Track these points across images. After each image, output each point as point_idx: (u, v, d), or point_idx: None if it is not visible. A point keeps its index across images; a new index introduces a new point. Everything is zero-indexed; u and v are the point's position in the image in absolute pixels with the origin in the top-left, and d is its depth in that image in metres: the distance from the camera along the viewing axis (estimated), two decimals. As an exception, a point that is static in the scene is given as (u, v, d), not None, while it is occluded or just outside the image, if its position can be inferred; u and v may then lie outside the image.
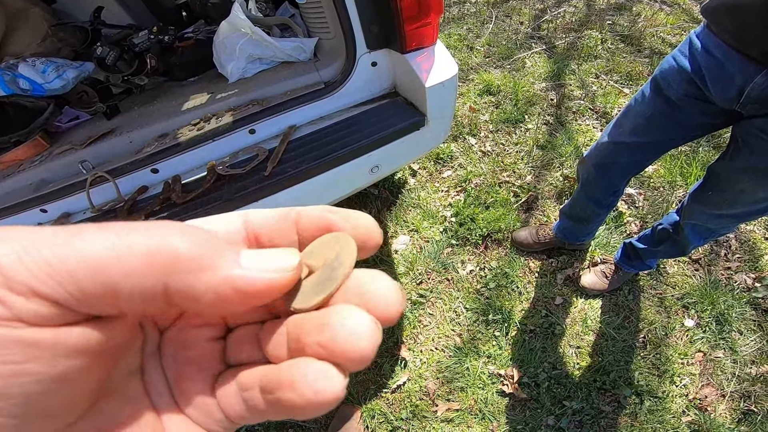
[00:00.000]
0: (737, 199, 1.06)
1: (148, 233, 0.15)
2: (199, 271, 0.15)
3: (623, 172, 1.29)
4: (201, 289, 0.15)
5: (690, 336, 1.55)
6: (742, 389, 1.43)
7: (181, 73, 1.47)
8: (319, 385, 0.15)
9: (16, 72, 1.25)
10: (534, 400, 1.48)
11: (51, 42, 1.42)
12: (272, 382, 0.17)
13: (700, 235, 1.27)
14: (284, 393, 0.16)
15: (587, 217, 1.53)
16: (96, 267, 0.14)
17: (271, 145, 1.19)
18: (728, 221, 1.17)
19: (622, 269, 1.64)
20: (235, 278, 0.16)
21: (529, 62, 2.66)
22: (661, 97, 1.08)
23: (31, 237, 0.14)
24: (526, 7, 3.09)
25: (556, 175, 2.04)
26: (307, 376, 0.16)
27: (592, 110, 2.30)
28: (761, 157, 0.95)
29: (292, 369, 0.16)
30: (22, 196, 1.21)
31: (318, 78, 1.24)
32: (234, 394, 0.19)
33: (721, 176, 1.07)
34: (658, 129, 1.12)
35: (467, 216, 1.91)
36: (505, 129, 2.28)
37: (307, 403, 0.16)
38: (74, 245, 0.14)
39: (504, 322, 1.65)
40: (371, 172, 1.19)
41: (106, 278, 0.14)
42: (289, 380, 0.16)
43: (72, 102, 1.41)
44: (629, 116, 1.18)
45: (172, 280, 0.15)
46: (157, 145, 1.16)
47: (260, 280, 0.16)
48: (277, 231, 0.20)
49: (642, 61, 2.55)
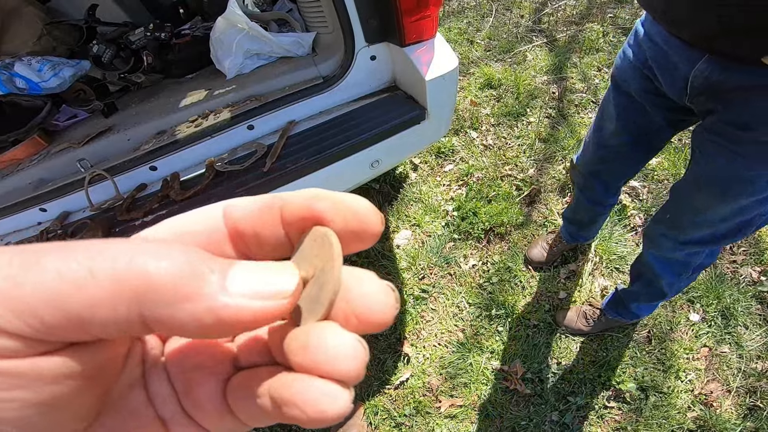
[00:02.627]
0: (697, 219, 0.93)
1: (117, 256, 0.13)
2: (179, 302, 0.14)
3: (618, 174, 1.22)
4: (184, 319, 0.14)
5: (695, 331, 1.54)
6: (748, 384, 1.41)
7: (178, 70, 1.46)
8: (322, 405, 0.15)
9: (12, 71, 1.24)
10: (538, 396, 1.47)
11: (46, 41, 1.41)
12: (281, 397, 0.16)
13: (671, 269, 1.13)
14: (290, 410, 0.15)
15: (593, 219, 1.49)
16: (53, 299, 0.13)
17: (270, 140, 1.17)
18: (695, 248, 1.03)
19: (605, 314, 1.51)
20: (220, 309, 0.14)
21: (531, 55, 2.63)
22: (622, 94, 0.99)
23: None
24: (526, 0, 3.06)
25: (559, 168, 2.02)
26: (309, 396, 0.15)
27: (594, 103, 2.27)
28: (712, 165, 0.82)
29: (296, 386, 0.15)
30: (22, 195, 1.21)
31: (317, 73, 1.23)
32: (247, 397, 0.18)
33: (680, 192, 0.96)
34: (632, 127, 1.03)
35: (469, 210, 1.89)
36: (507, 122, 2.26)
37: (312, 421, 0.15)
38: (30, 275, 0.13)
39: (507, 317, 1.64)
40: (372, 166, 1.18)
41: (67, 310, 0.13)
42: (291, 400, 0.15)
43: (69, 100, 1.41)
44: (604, 118, 1.10)
45: (148, 310, 0.13)
46: (155, 143, 1.15)
47: (249, 310, 0.15)
48: (260, 223, 0.18)
49: (645, 52, 2.52)
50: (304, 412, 0.15)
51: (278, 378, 0.16)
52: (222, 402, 0.18)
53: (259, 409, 0.17)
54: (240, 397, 0.18)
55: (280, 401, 0.16)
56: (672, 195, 0.99)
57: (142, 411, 0.18)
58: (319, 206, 0.17)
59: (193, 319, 0.14)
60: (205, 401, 0.18)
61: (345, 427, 1.45)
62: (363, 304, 0.16)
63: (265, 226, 0.18)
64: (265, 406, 0.17)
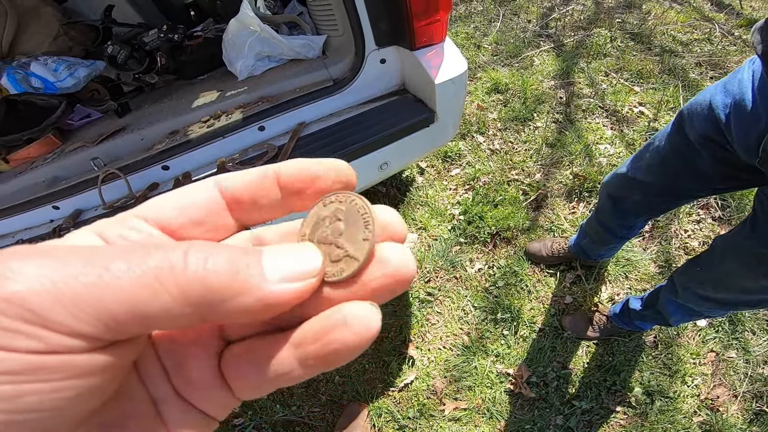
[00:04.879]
0: (723, 282, 0.90)
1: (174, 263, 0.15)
2: (233, 298, 0.16)
3: (637, 210, 1.16)
4: (237, 310, 0.16)
5: (702, 336, 1.53)
6: (755, 389, 1.41)
7: (190, 71, 1.48)
8: (369, 321, 0.17)
9: (28, 70, 1.26)
10: (542, 400, 1.47)
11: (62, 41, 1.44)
12: (324, 328, 0.18)
13: (682, 312, 1.13)
14: (339, 333, 0.17)
15: (600, 240, 1.44)
16: (131, 303, 0.15)
17: (281, 142, 1.19)
18: (712, 305, 1.00)
19: (612, 321, 1.52)
20: (266, 297, 0.16)
21: (538, 60, 2.64)
22: (680, 134, 0.91)
23: (57, 269, 0.14)
24: (533, 5, 3.07)
25: (566, 173, 2.02)
26: (359, 313, 0.18)
27: (601, 108, 2.27)
28: (760, 236, 0.76)
29: (341, 312, 0.18)
30: (35, 192, 1.23)
31: (327, 75, 1.24)
32: (247, 364, 0.19)
33: (716, 251, 0.92)
34: (671, 172, 0.97)
35: (475, 214, 1.90)
36: (514, 127, 2.27)
37: (361, 338, 0.17)
38: (106, 281, 0.14)
39: (513, 320, 1.64)
40: (380, 168, 1.19)
41: (141, 313, 0.15)
42: (342, 321, 0.18)
43: (84, 100, 1.43)
44: (649, 150, 1.03)
45: (209, 308, 0.16)
46: (168, 142, 1.17)
47: (289, 292, 0.17)
48: (259, 191, 0.20)
49: (652, 59, 2.52)
50: (354, 329, 0.17)
51: (308, 324, 0.19)
52: (215, 376, 0.19)
53: (258, 376, 0.19)
54: (239, 365, 0.19)
55: (324, 332, 0.18)
56: (709, 248, 0.95)
57: (135, 393, 0.19)
58: (313, 167, 0.21)
59: (244, 310, 0.16)
60: (197, 376, 0.19)
61: (349, 428, 1.45)
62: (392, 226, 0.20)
63: (264, 192, 0.21)
64: (306, 355, 0.18)
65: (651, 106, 2.25)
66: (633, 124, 2.17)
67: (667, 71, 2.42)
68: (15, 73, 1.24)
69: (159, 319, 0.15)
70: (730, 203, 1.81)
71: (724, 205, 1.82)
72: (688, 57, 2.50)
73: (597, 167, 2.00)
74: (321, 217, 0.21)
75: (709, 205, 1.84)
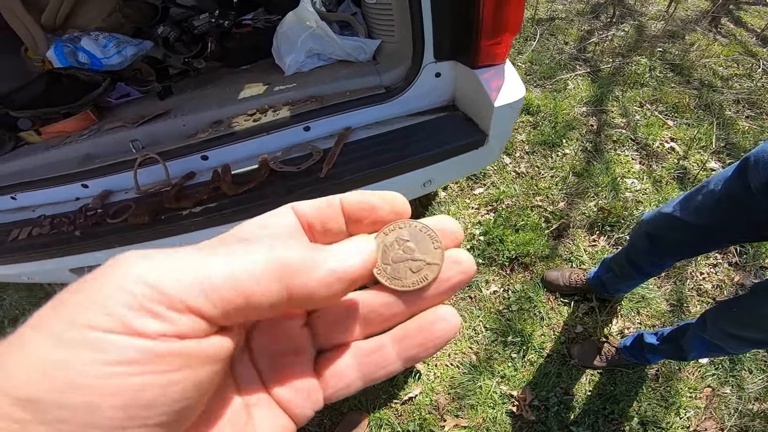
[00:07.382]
0: (756, 323, 0.94)
1: (262, 251, 0.18)
2: (309, 272, 0.19)
3: (674, 250, 1.17)
4: (314, 285, 0.19)
5: (702, 372, 1.55)
6: (742, 424, 1.44)
7: (236, 60, 1.45)
8: (456, 316, 0.23)
9: (78, 44, 1.23)
10: (541, 423, 1.48)
11: (115, 17, 1.39)
12: (426, 322, 0.23)
13: (705, 349, 1.15)
14: (439, 325, 0.22)
15: (624, 276, 1.45)
16: (237, 284, 0.17)
17: (324, 144, 1.17)
18: (739, 343, 1.03)
19: (620, 354, 1.54)
20: (336, 269, 0.19)
21: (572, 84, 2.62)
22: (741, 178, 0.91)
23: (176, 258, 0.17)
24: (572, 27, 3.05)
25: (590, 204, 2.01)
26: (449, 311, 0.23)
27: (633, 141, 2.26)
28: None
29: (435, 312, 0.23)
30: (65, 169, 1.20)
31: (379, 81, 1.22)
32: (348, 366, 0.23)
33: (755, 294, 0.95)
34: (721, 215, 0.97)
35: (496, 236, 1.89)
36: (542, 151, 2.25)
37: (454, 328, 0.23)
38: (215, 266, 0.17)
39: (522, 344, 1.64)
40: (424, 186, 1.17)
41: (246, 293, 0.17)
42: (441, 316, 0.23)
43: (126, 79, 1.39)
44: (701, 193, 1.03)
45: (292, 284, 0.18)
46: (211, 132, 1.15)
47: (353, 265, 0.20)
48: (327, 217, 0.23)
49: (690, 92, 2.49)
50: (450, 321, 0.23)
51: (410, 323, 0.23)
52: (312, 377, 0.22)
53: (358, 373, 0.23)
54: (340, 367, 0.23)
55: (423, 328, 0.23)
56: (748, 292, 0.97)
57: (228, 393, 0.21)
58: (372, 199, 0.24)
59: (320, 282, 0.19)
60: (295, 378, 0.22)
61: (349, 436, 1.45)
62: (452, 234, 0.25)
63: (332, 218, 0.23)
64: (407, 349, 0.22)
65: (682, 143, 2.23)
66: (662, 160, 2.16)
67: (703, 107, 2.40)
68: (64, 46, 1.20)
69: (257, 300, 0.17)
70: (747, 250, 1.81)
71: (741, 251, 1.82)
72: (727, 93, 2.47)
73: (622, 202, 1.99)
74: (387, 243, 0.24)
75: (728, 251, 1.84)
